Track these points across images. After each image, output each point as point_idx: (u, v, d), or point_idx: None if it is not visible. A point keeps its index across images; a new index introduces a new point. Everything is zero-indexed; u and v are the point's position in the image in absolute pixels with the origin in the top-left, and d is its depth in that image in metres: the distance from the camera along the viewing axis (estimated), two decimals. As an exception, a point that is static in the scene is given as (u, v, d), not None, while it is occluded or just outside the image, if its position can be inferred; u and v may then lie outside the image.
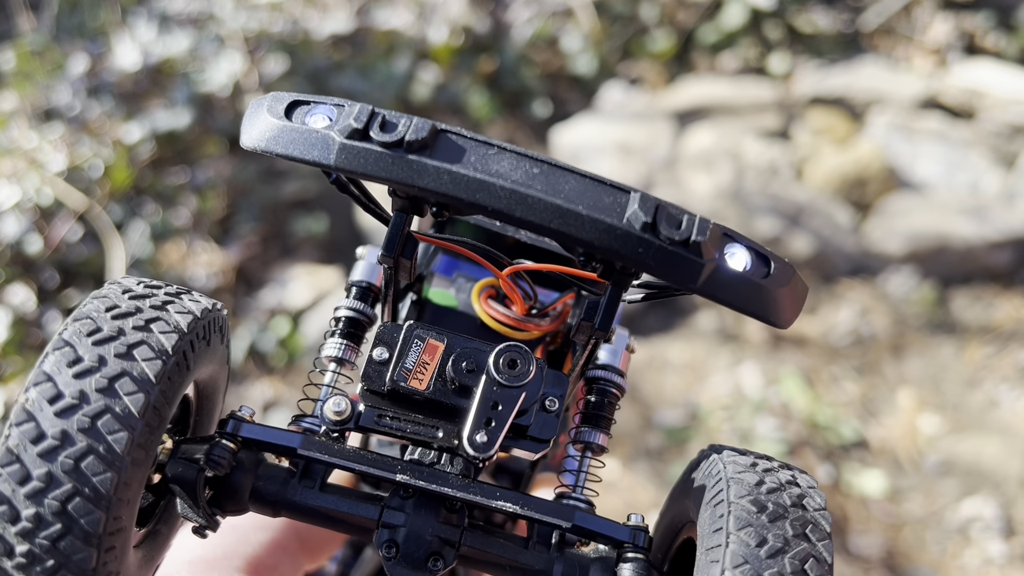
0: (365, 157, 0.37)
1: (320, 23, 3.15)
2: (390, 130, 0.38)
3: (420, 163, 0.37)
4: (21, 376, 2.17)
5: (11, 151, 2.57)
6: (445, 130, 0.38)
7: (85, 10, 3.20)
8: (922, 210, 2.77)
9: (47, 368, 0.36)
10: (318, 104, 0.40)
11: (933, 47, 3.55)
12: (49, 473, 0.34)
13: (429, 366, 0.44)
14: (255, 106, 0.41)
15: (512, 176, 0.37)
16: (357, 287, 0.49)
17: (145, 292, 0.41)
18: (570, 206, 0.37)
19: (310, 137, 0.38)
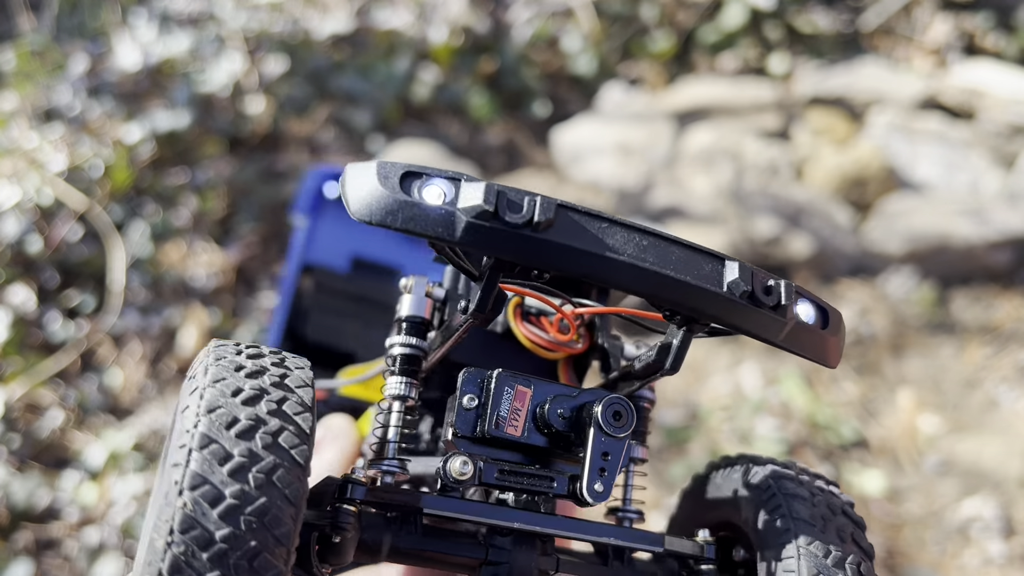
0: (492, 236, 0.39)
1: (320, 23, 3.15)
2: (516, 210, 0.39)
3: (547, 243, 0.39)
4: (21, 376, 2.17)
5: (11, 151, 2.57)
6: (565, 206, 0.40)
7: (85, 10, 3.20)
8: (922, 210, 2.77)
9: (197, 468, 0.36)
10: (432, 176, 0.40)
11: (933, 47, 3.55)
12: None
13: (521, 412, 0.47)
14: (359, 174, 0.40)
15: (627, 250, 0.41)
16: (410, 322, 0.50)
17: (258, 367, 0.41)
18: (680, 276, 0.41)
19: (432, 214, 0.39)
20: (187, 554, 0.35)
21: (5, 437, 2.08)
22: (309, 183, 1.07)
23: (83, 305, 2.37)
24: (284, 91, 2.91)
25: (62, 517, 1.97)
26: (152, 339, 2.32)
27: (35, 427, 2.12)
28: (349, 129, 2.94)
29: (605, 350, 0.54)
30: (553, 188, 2.79)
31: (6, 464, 2.03)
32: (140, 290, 2.39)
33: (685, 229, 2.66)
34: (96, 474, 2.03)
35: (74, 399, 2.18)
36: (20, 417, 2.13)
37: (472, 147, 3.02)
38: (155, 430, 2.14)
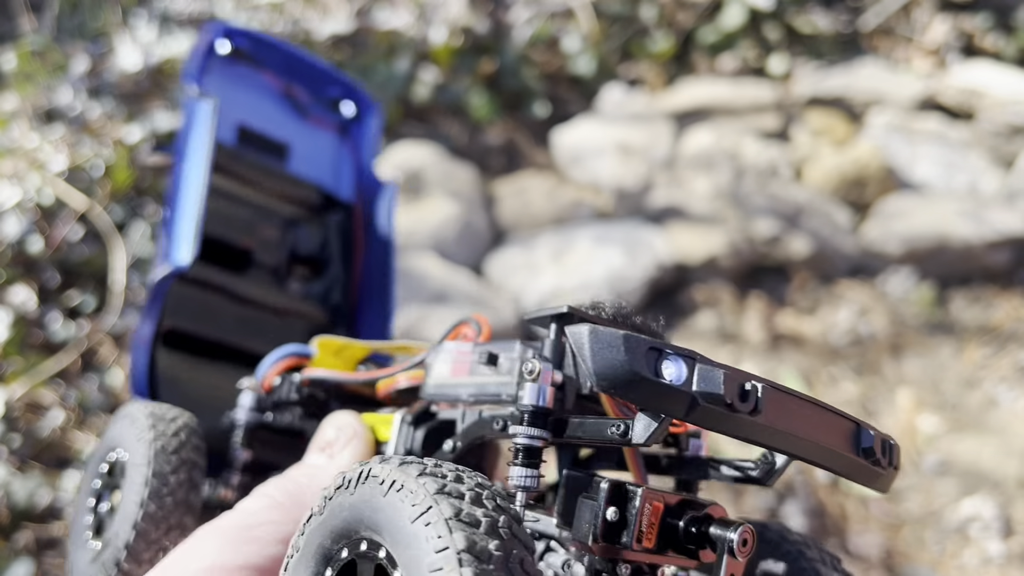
0: (717, 419, 0.43)
1: (320, 24, 3.16)
2: (743, 400, 0.43)
3: (757, 425, 0.44)
4: (22, 376, 2.17)
5: (12, 151, 2.57)
6: (778, 390, 0.45)
7: (86, 11, 3.21)
8: (921, 210, 2.78)
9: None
10: (671, 355, 0.44)
11: (932, 48, 3.55)
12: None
13: (655, 527, 0.50)
14: (603, 339, 0.44)
15: (806, 427, 0.46)
16: (534, 413, 0.51)
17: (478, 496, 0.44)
18: (833, 446, 0.48)
19: (670, 393, 0.43)
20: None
21: (6, 437, 2.08)
22: (202, 39, 0.97)
23: (84, 305, 2.37)
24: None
25: (63, 517, 1.97)
26: (153, 339, 2.32)
27: (36, 427, 2.12)
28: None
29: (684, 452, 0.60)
30: (553, 188, 2.79)
31: (7, 464, 2.03)
32: (141, 290, 2.40)
33: (685, 229, 2.66)
34: (97, 474, 2.04)
35: (75, 399, 2.19)
36: (21, 417, 2.14)
37: (472, 147, 3.03)
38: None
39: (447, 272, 2.48)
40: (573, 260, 2.56)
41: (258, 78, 1.02)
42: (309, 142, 1.04)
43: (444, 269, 2.49)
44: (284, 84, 1.03)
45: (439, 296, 2.37)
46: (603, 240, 2.60)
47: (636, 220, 2.73)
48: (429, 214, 2.63)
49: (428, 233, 2.59)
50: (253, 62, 1.02)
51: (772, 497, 2.09)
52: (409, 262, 2.51)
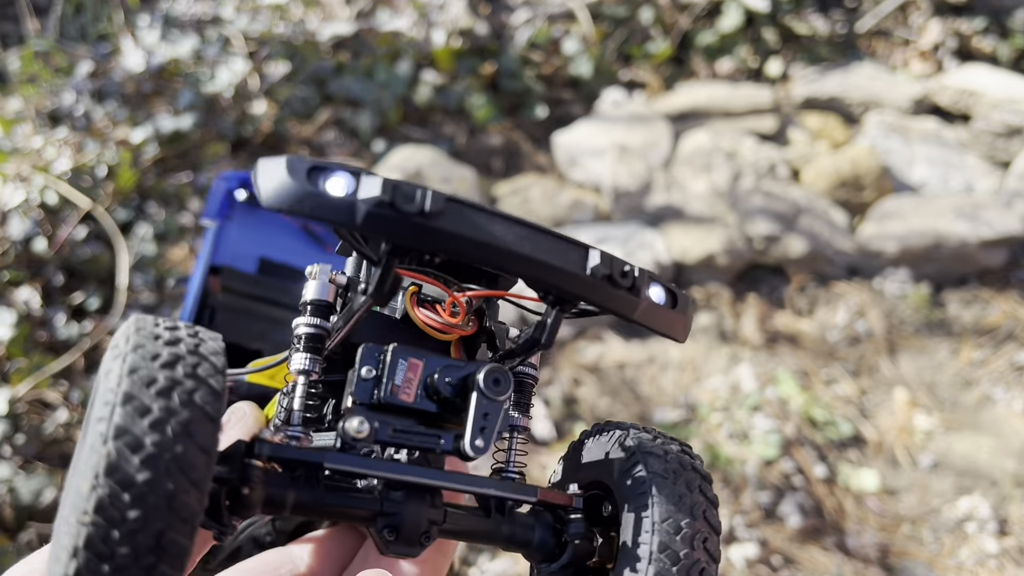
0: (389, 222, 0.44)
1: (322, 26, 3.18)
2: (409, 201, 0.44)
3: (437, 230, 0.44)
4: (27, 375, 2.19)
5: (18, 153, 2.59)
6: (453, 199, 0.45)
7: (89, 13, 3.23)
8: (917, 211, 2.80)
9: (120, 421, 0.40)
10: (334, 171, 0.45)
11: (928, 50, 3.58)
12: (143, 515, 0.39)
13: (413, 381, 0.52)
14: (268, 168, 0.45)
15: (507, 238, 0.47)
16: (315, 305, 0.54)
17: (174, 337, 0.46)
18: (551, 261, 0.48)
19: (336, 203, 0.44)
20: (111, 496, 0.39)
21: (11, 435, 2.10)
22: (219, 186, 1.10)
23: (88, 304, 2.39)
24: (286, 93, 2.93)
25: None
26: (156, 338, 2.34)
27: (40, 425, 2.14)
28: (351, 131, 2.97)
29: (492, 332, 0.59)
30: (553, 190, 2.81)
31: (12, 462, 2.05)
32: (144, 290, 2.42)
33: (683, 229, 2.68)
34: (101, 472, 2.05)
35: (79, 398, 2.20)
36: (25, 415, 2.15)
37: (472, 149, 3.05)
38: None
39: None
40: (572, 260, 2.57)
41: (276, 218, 1.14)
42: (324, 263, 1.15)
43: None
44: (301, 222, 1.15)
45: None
46: (602, 240, 2.62)
47: (635, 221, 2.75)
48: (430, 215, 2.65)
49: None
50: None
51: (769, 495, 2.11)
52: (410, 262, 2.52)
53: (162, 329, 0.46)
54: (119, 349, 0.44)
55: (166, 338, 0.45)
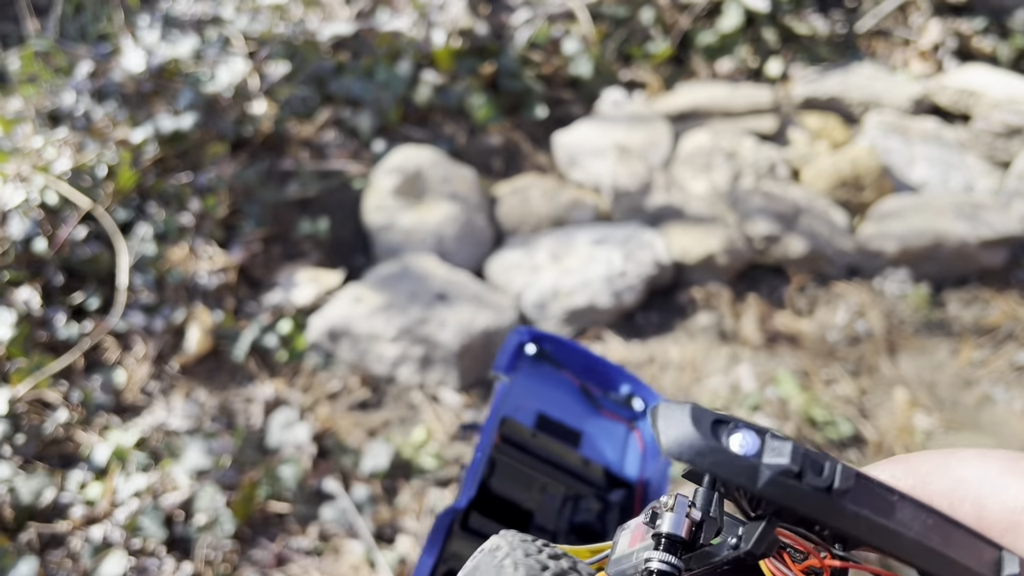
0: (792, 494, 0.42)
1: (322, 26, 3.18)
2: (817, 472, 0.42)
3: (843, 508, 0.42)
4: (26, 375, 2.19)
5: (17, 153, 2.59)
6: (863, 477, 0.43)
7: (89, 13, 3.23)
8: (917, 211, 2.80)
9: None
10: (739, 427, 0.43)
11: (928, 50, 3.58)
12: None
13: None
14: (671, 415, 0.44)
15: (913, 526, 0.42)
16: (670, 540, 0.50)
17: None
18: (960, 559, 0.43)
19: (738, 463, 0.42)
20: None
21: (11, 435, 2.10)
22: (512, 340, 1.15)
23: (88, 304, 2.39)
24: (287, 93, 2.93)
25: (67, 515, 1.99)
26: (156, 338, 2.34)
27: (40, 425, 2.13)
28: (351, 131, 2.97)
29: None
30: (553, 190, 2.81)
31: (11, 462, 2.05)
32: (144, 289, 2.42)
33: (683, 229, 2.68)
34: (101, 472, 2.05)
35: (79, 397, 2.20)
36: (25, 415, 2.15)
37: (472, 149, 3.05)
38: (159, 428, 2.16)
39: (447, 273, 2.49)
40: (573, 260, 2.58)
41: (557, 376, 1.17)
42: (600, 431, 1.17)
43: (444, 270, 2.51)
44: (580, 382, 1.17)
45: (439, 297, 2.39)
46: (602, 240, 2.63)
47: (635, 221, 2.75)
48: (429, 215, 2.65)
49: (428, 234, 2.61)
50: (554, 362, 1.15)
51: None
52: (409, 263, 2.52)
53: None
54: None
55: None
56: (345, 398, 2.28)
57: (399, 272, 2.47)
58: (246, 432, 2.16)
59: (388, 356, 2.29)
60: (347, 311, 2.34)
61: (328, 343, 2.33)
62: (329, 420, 2.21)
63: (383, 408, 2.27)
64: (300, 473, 2.04)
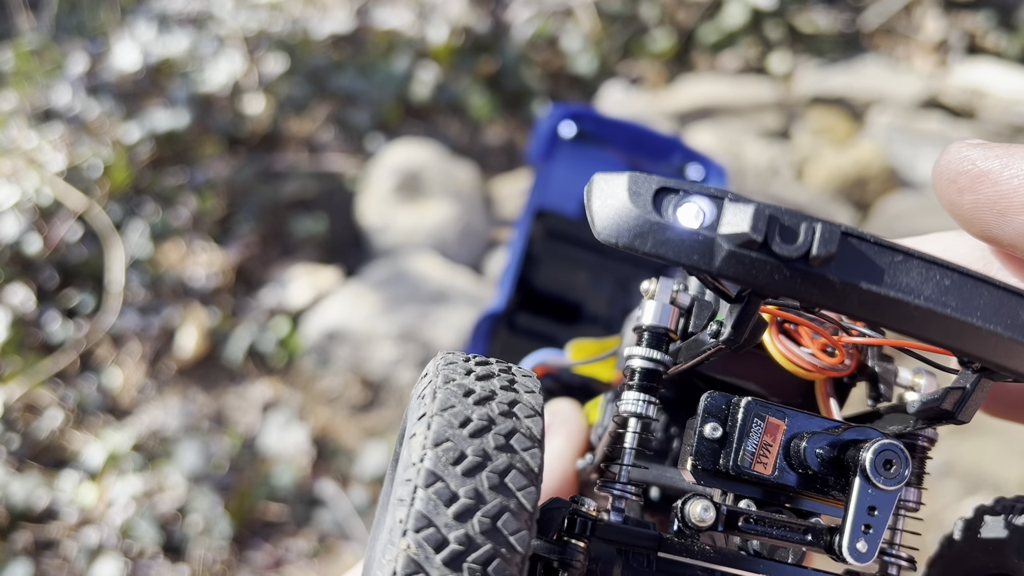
0: (758, 268, 0.33)
1: (319, 22, 3.15)
2: (790, 240, 0.33)
3: (824, 280, 0.33)
4: (20, 376, 2.17)
5: (11, 151, 2.57)
6: (849, 234, 0.34)
7: (84, 9, 3.19)
8: (922, 210, 2.77)
9: (422, 509, 0.35)
10: (690, 194, 0.35)
11: (933, 47, 3.55)
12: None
13: (772, 448, 0.42)
14: (608, 187, 0.36)
15: (924, 291, 0.34)
16: (652, 333, 0.45)
17: (487, 392, 0.40)
18: (988, 327, 0.34)
19: (688, 239, 0.34)
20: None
21: (4, 437, 2.08)
22: (545, 122, 1.05)
23: (82, 305, 2.37)
24: (283, 91, 2.90)
25: (61, 518, 1.97)
26: (151, 339, 2.32)
27: (34, 427, 2.11)
28: (349, 128, 2.94)
29: (875, 374, 0.48)
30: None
31: (5, 464, 2.03)
32: (139, 290, 2.39)
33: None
34: (95, 474, 2.03)
35: (73, 399, 2.18)
36: (19, 417, 2.13)
37: (472, 147, 3.02)
38: (154, 430, 2.13)
39: (447, 271, 2.47)
40: (573, 260, 2.55)
41: (602, 155, 1.08)
42: None
43: (444, 268, 2.48)
44: (629, 158, 1.08)
45: (439, 296, 2.36)
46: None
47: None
48: (429, 213, 2.62)
49: (428, 232, 2.59)
50: (598, 141, 1.08)
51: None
52: (407, 262, 2.50)
53: (473, 380, 0.40)
54: (425, 407, 0.38)
55: (477, 394, 0.38)
56: (343, 399, 2.26)
57: (397, 271, 2.44)
58: (242, 434, 2.13)
59: (386, 357, 2.27)
60: (345, 312, 2.31)
61: (325, 344, 2.31)
62: (326, 422, 2.18)
63: (381, 409, 2.25)
64: (297, 475, 2.02)
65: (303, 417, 2.20)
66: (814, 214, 0.36)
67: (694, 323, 0.46)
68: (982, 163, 0.43)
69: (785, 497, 0.43)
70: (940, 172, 0.44)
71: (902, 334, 0.36)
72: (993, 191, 0.42)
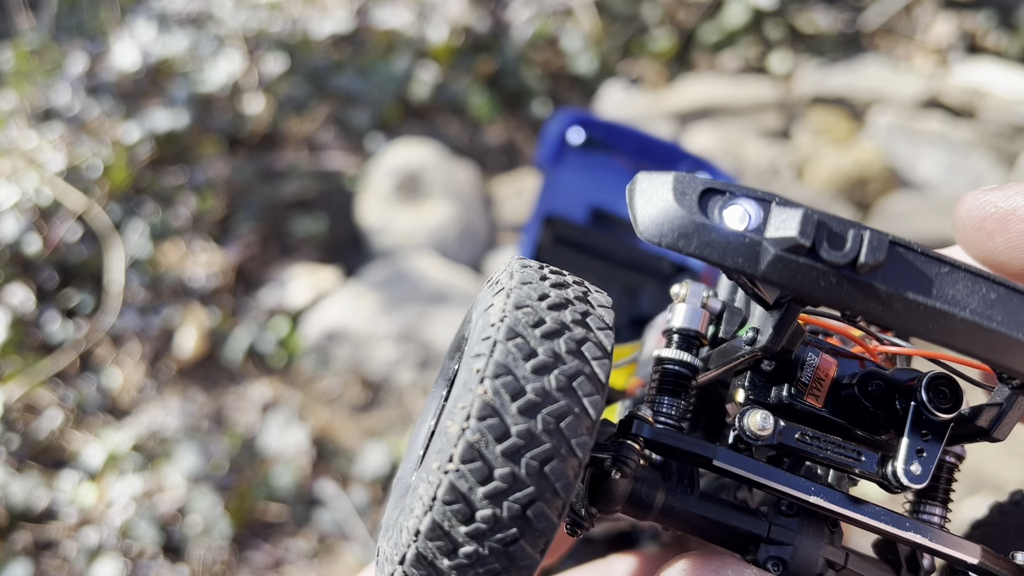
0: (804, 274, 0.33)
1: (319, 23, 3.15)
2: (838, 246, 0.33)
3: (871, 289, 0.33)
4: (20, 376, 2.16)
5: (10, 151, 2.56)
6: (898, 244, 0.34)
7: (84, 9, 3.19)
8: (923, 210, 2.77)
9: (502, 359, 0.34)
10: (737, 196, 0.34)
11: (934, 47, 3.54)
12: (512, 474, 0.33)
13: (824, 383, 0.41)
14: (652, 186, 0.36)
15: (969, 304, 0.34)
16: (683, 336, 0.45)
17: (561, 282, 0.39)
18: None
19: (733, 242, 0.33)
20: (481, 443, 0.33)
21: (4, 437, 2.08)
22: (553, 128, 1.05)
23: (82, 305, 2.36)
24: (283, 90, 2.90)
25: (60, 518, 1.97)
26: (151, 339, 2.32)
27: (33, 427, 2.11)
28: (348, 128, 2.94)
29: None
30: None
31: (5, 464, 2.03)
32: (139, 290, 2.39)
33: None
34: (95, 475, 2.03)
35: (73, 399, 2.18)
36: (19, 417, 2.13)
37: (472, 146, 3.02)
38: (154, 431, 2.13)
39: (447, 271, 2.47)
40: (573, 260, 2.55)
41: (610, 162, 1.08)
42: None
43: (444, 268, 2.48)
44: (636, 165, 1.07)
45: (439, 295, 2.36)
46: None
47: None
48: (429, 214, 2.62)
49: (428, 232, 2.58)
50: (605, 147, 1.07)
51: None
52: (407, 262, 2.50)
53: (548, 271, 0.40)
54: (502, 284, 0.38)
55: (553, 280, 0.39)
56: (343, 399, 2.26)
57: (397, 271, 2.44)
58: (242, 434, 2.13)
59: (386, 357, 2.27)
60: (344, 312, 2.31)
61: (325, 344, 2.31)
62: (326, 422, 2.18)
63: (381, 409, 2.25)
64: (297, 475, 2.02)
65: (303, 417, 2.19)
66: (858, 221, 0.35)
67: (724, 329, 0.46)
68: (1004, 203, 0.43)
69: (836, 432, 0.43)
70: (963, 223, 0.45)
71: (946, 347, 0.35)
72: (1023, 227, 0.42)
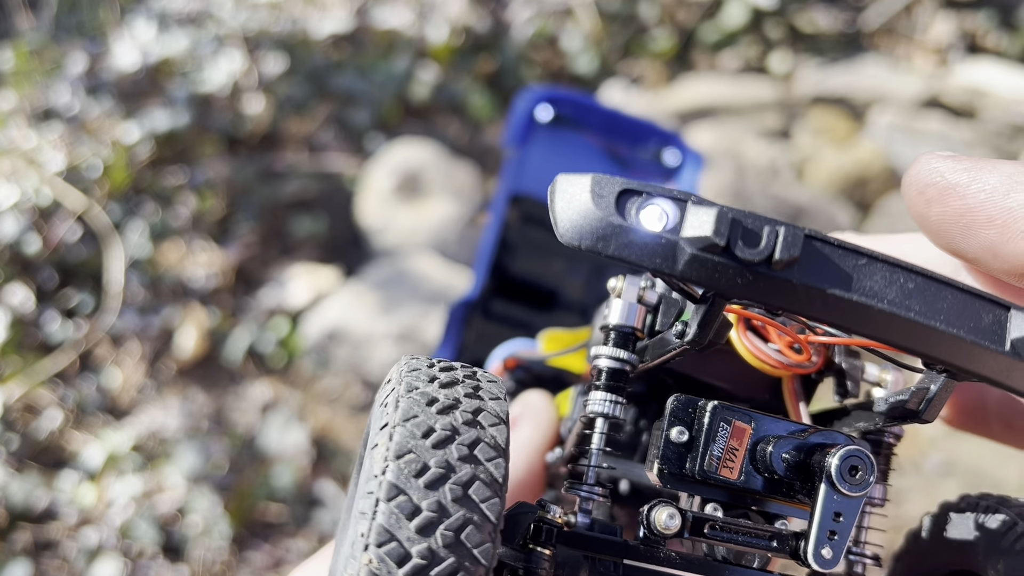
0: (721, 272, 0.33)
1: (319, 22, 3.15)
2: (753, 244, 0.33)
3: (787, 284, 0.33)
4: (19, 376, 2.17)
5: (10, 151, 2.56)
6: (813, 237, 0.34)
7: (84, 9, 3.19)
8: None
9: (384, 523, 0.34)
10: (653, 196, 0.35)
11: (934, 46, 3.54)
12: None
13: (738, 452, 0.42)
14: (569, 187, 0.36)
15: (887, 295, 0.34)
16: (619, 332, 0.45)
17: (451, 401, 0.39)
18: (951, 330, 0.34)
19: (651, 243, 0.34)
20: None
21: (4, 437, 2.08)
22: (520, 106, 1.04)
23: (81, 305, 2.37)
24: (283, 90, 2.90)
25: (60, 518, 1.97)
26: (151, 339, 2.32)
27: (33, 427, 2.11)
28: (348, 128, 2.94)
29: (842, 371, 0.48)
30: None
31: (5, 465, 2.03)
32: (139, 290, 2.39)
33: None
34: (94, 475, 2.03)
35: (72, 399, 2.18)
36: (18, 417, 2.13)
37: (472, 146, 3.02)
38: (154, 431, 2.13)
39: (447, 271, 2.47)
40: (573, 260, 2.55)
41: (579, 139, 1.06)
42: None
43: (444, 268, 2.48)
44: (605, 142, 1.06)
45: (439, 296, 2.36)
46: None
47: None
48: (429, 213, 2.62)
49: (428, 232, 2.58)
50: (575, 125, 1.06)
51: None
52: (407, 262, 2.49)
53: (437, 387, 0.39)
54: (388, 416, 0.38)
55: (441, 403, 0.38)
56: (343, 399, 2.26)
57: (397, 271, 2.44)
58: (242, 434, 2.13)
59: (386, 357, 2.27)
60: (344, 312, 2.31)
61: (325, 344, 2.31)
62: (326, 422, 2.18)
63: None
64: (297, 476, 2.02)
65: (303, 417, 2.19)
66: (776, 217, 0.35)
67: (661, 320, 0.46)
68: (950, 176, 0.42)
69: (751, 500, 0.43)
70: (909, 183, 0.44)
71: (866, 338, 0.36)
72: (960, 204, 0.42)
